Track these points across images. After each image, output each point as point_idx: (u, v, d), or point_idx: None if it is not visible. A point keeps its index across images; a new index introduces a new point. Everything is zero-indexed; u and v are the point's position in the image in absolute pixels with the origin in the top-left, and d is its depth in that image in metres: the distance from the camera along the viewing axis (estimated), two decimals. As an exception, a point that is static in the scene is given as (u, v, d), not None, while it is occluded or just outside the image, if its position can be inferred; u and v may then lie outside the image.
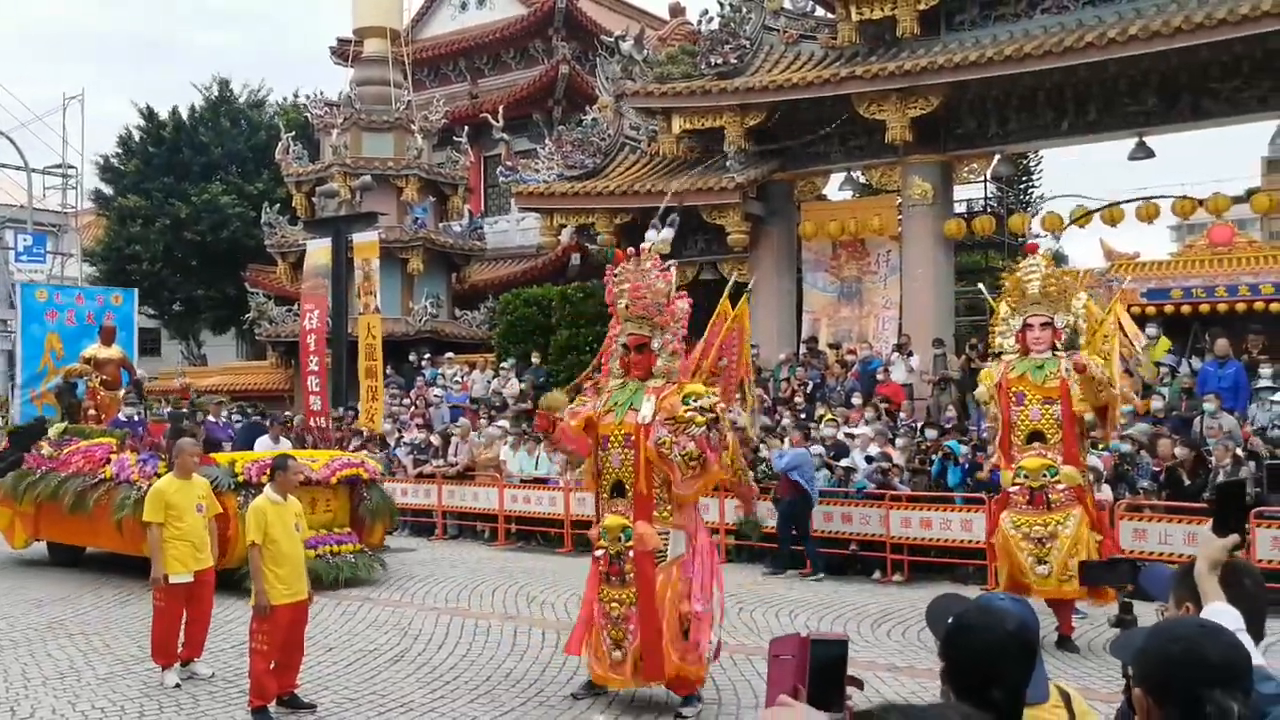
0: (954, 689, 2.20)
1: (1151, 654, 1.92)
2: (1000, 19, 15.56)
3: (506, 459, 14.99)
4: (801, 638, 2.25)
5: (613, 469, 6.85)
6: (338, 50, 29.94)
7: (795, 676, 2.19)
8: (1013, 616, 2.34)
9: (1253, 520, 9.62)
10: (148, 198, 30.10)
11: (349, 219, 18.87)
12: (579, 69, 26.30)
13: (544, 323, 19.58)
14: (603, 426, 6.86)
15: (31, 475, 11.91)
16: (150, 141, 31.39)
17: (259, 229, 25.41)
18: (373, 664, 7.97)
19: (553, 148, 19.55)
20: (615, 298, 7.00)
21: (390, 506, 12.33)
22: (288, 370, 25.01)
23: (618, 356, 7.05)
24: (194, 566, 7.50)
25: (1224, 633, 1.89)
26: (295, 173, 24.03)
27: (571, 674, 7.59)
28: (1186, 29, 13.24)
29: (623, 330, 7.00)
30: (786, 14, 17.57)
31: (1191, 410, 12.46)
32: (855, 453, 12.65)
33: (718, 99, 16.76)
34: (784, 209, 17.75)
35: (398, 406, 18.65)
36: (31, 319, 17.07)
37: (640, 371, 6.92)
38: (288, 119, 29.46)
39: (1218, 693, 1.79)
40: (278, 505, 6.84)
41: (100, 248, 31.57)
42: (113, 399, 13.27)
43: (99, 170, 32.61)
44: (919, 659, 7.90)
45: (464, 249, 24.40)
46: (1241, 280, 18.00)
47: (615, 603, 6.70)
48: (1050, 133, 15.79)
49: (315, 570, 10.11)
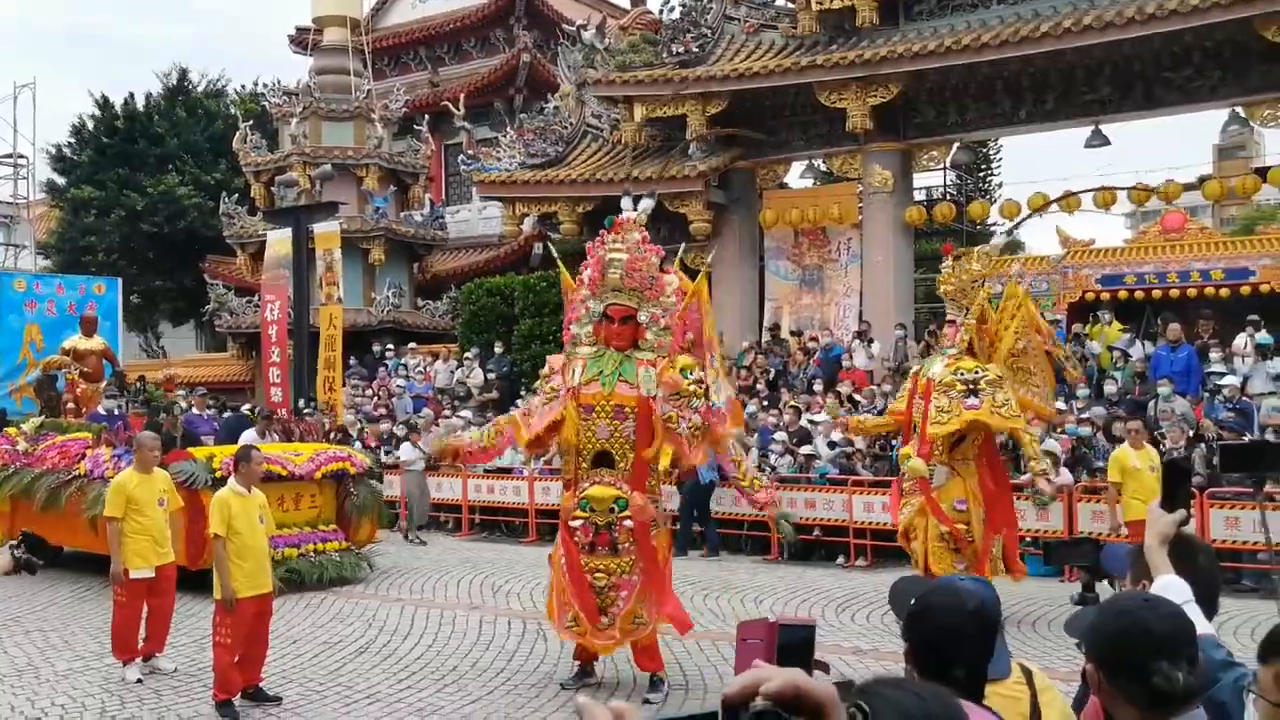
0: (917, 668, 2.26)
1: (1099, 629, 1.98)
2: (958, 8, 15.70)
3: (471, 449, 14.93)
4: (769, 622, 2.30)
5: (597, 440, 6.74)
6: (296, 39, 29.57)
7: (763, 660, 2.25)
8: (973, 596, 2.41)
9: (1205, 500, 9.87)
10: (102, 188, 29.53)
11: (309, 209, 18.69)
12: (540, 57, 26.17)
13: (507, 312, 19.51)
14: (585, 396, 6.73)
15: (5, 471, 11.47)
16: (104, 131, 30.80)
17: (217, 219, 25.02)
18: (338, 656, 7.94)
19: (514, 136, 19.48)
20: (605, 266, 6.81)
21: (379, 502, 11.86)
22: (248, 362, 24.71)
23: (588, 324, 6.95)
24: (155, 561, 7.41)
25: (1165, 604, 1.96)
26: (254, 162, 23.70)
27: (539, 661, 7.63)
28: (1139, 19, 13.45)
29: (601, 298, 6.86)
30: (747, 3, 17.61)
31: (1145, 394, 12.71)
32: (818, 439, 12.78)
33: (679, 87, 16.78)
34: (746, 197, 17.83)
35: (360, 397, 18.51)
36: (9, 310, 16.26)
37: (621, 342, 6.84)
38: (246, 108, 29.01)
39: (1164, 664, 1.85)
40: (242, 497, 6.78)
41: (54, 239, 30.97)
42: (94, 391, 12.88)
43: (51, 160, 31.94)
44: (884, 642, 8.01)
45: (426, 238, 24.22)
46: (1193, 266, 18.34)
47: (601, 572, 6.70)
48: (1009, 121, 15.98)
49: (298, 570, 10.01)
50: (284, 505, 10.48)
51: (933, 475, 8.54)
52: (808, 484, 12.16)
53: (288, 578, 9.78)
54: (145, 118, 30.82)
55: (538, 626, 8.65)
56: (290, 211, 19.17)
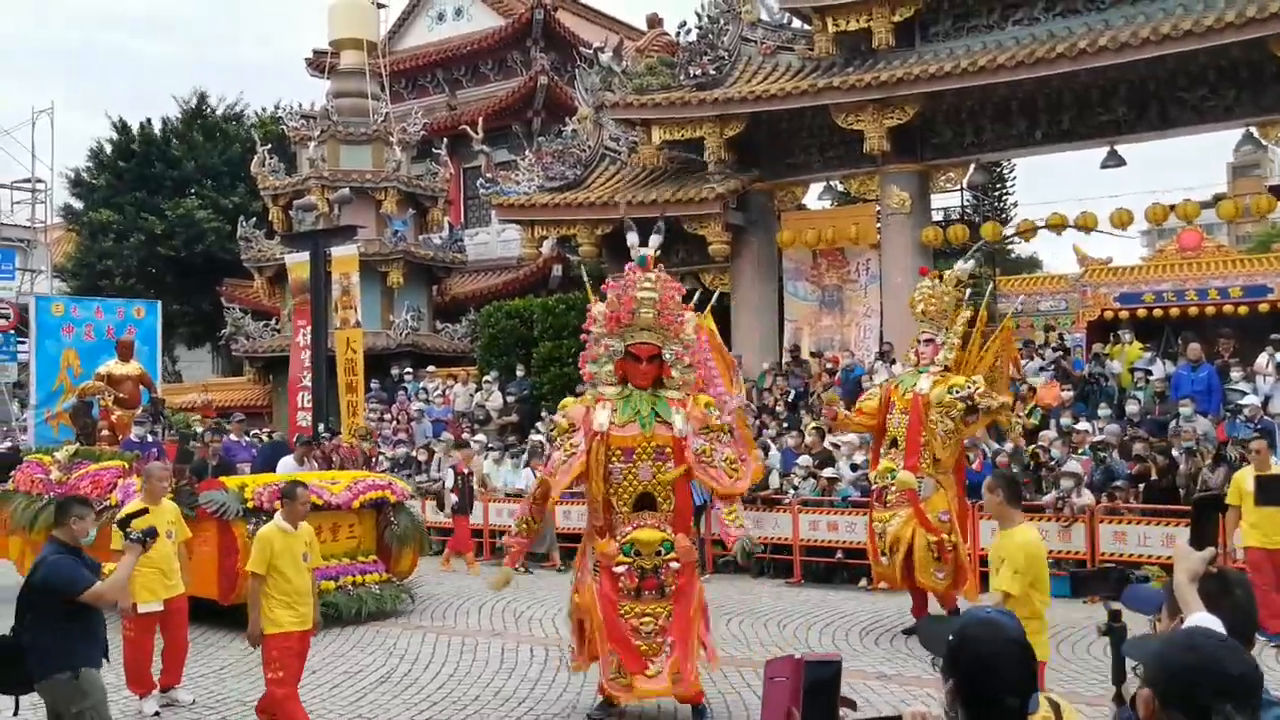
0: (967, 704, 2.25)
1: (1166, 660, 1.98)
2: (973, 30, 15.76)
3: (489, 473, 14.97)
4: (795, 660, 2.32)
5: (639, 482, 6.62)
6: (314, 62, 29.83)
7: (790, 699, 2.26)
8: (1009, 624, 2.44)
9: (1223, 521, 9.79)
10: (120, 212, 29.84)
11: (327, 233, 18.79)
12: (557, 80, 26.35)
13: (526, 335, 19.57)
14: (622, 439, 6.61)
15: (40, 501, 11.16)
16: (122, 155, 31.13)
17: (235, 243, 25.22)
18: (359, 685, 7.93)
19: (533, 159, 19.58)
20: (636, 305, 6.70)
21: (421, 531, 11.45)
22: (265, 386, 24.84)
23: (608, 363, 6.84)
24: (164, 594, 7.31)
25: (1241, 649, 1.96)
26: (272, 186, 23.89)
27: (562, 689, 7.61)
28: (1154, 40, 13.48)
29: (624, 337, 6.77)
30: (764, 25, 17.71)
31: (1166, 413, 12.65)
32: (840, 461, 12.75)
33: (697, 110, 16.87)
34: (764, 219, 17.87)
35: (378, 422, 18.56)
36: (46, 334, 15.76)
37: (645, 381, 6.77)
38: (264, 132, 29.30)
39: (1229, 707, 1.85)
40: (286, 535, 6.52)
41: (71, 263, 31.25)
42: (130, 418, 12.66)
43: (69, 184, 32.31)
44: (907, 667, 7.98)
45: (444, 261, 24.35)
46: (1210, 284, 18.32)
47: (649, 617, 6.55)
48: (1024, 141, 16.00)
49: (336, 603, 9.68)
50: (321, 536, 9.93)
51: (921, 487, 8.78)
52: (830, 507, 12.13)
53: (325, 612, 9.42)
54: (163, 141, 31.14)
55: (560, 654, 8.66)
56: (308, 235, 19.28)
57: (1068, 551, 10.84)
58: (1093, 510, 10.84)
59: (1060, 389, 13.58)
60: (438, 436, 17.03)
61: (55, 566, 5.08)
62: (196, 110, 32.37)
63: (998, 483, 5.66)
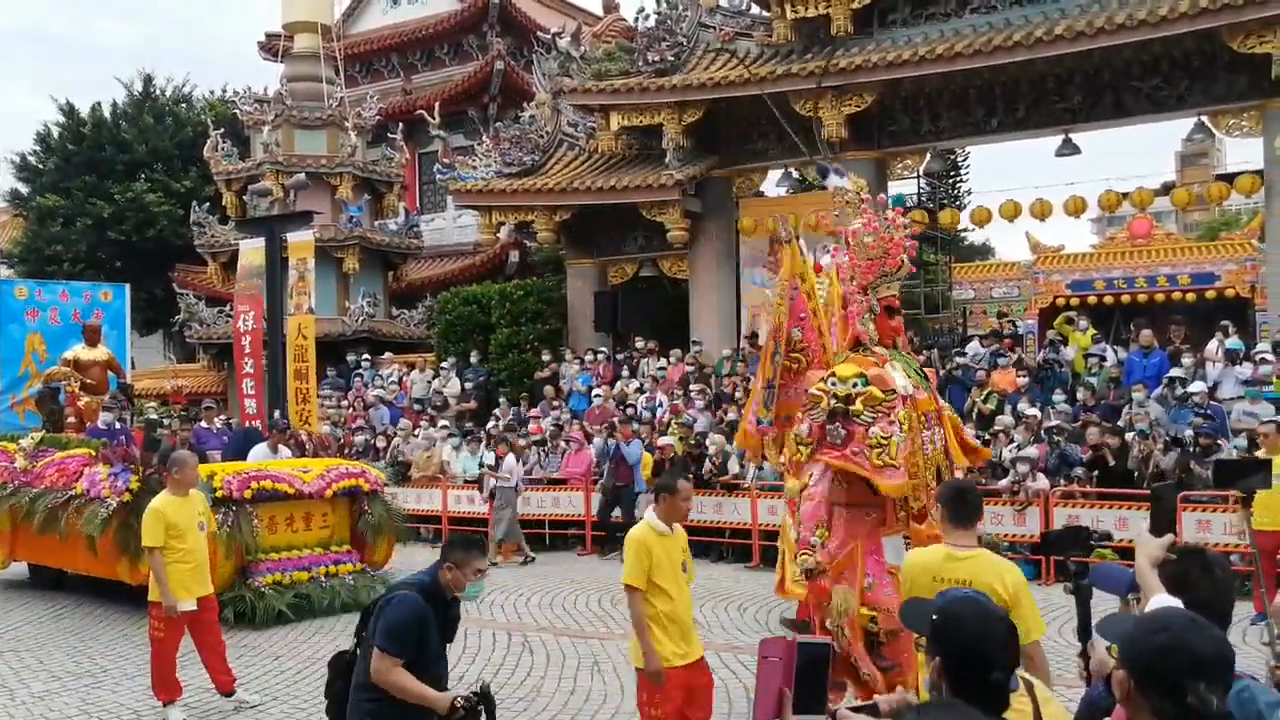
0: (953, 680, 2.29)
1: (1139, 641, 2.00)
2: (931, 18, 15.86)
3: (450, 460, 14.87)
4: (788, 641, 2.38)
5: (938, 452, 5.81)
6: (267, 45, 29.33)
7: (782, 678, 2.31)
8: (992, 604, 2.50)
9: (1180, 504, 9.99)
10: (68, 196, 29.16)
11: (282, 218, 18.48)
12: (514, 65, 26.12)
13: (483, 321, 19.45)
14: (924, 403, 5.76)
15: (4, 490, 10.87)
16: (70, 138, 30.41)
17: (187, 228, 24.77)
18: (321, 670, 7.82)
19: (490, 145, 19.41)
20: (900, 251, 5.94)
21: (396, 520, 11.09)
22: (220, 373, 24.47)
23: (871, 320, 5.89)
24: (199, 591, 6.88)
25: (1210, 627, 1.98)
26: (225, 170, 23.47)
27: (526, 674, 7.59)
28: (1109, 29, 13.65)
29: (884, 287, 5.95)
30: (722, 11, 17.69)
31: (1119, 399, 12.88)
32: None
33: (655, 96, 16.81)
34: (722, 205, 17.88)
35: (335, 409, 18.35)
36: (10, 319, 15.16)
37: (894, 338, 5.97)
38: (215, 114, 28.76)
39: (1202, 686, 1.87)
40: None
41: (18, 249, 30.51)
42: (97, 405, 12.31)
43: (15, 168, 31.52)
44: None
45: (400, 247, 24.09)
46: (1160, 271, 18.70)
47: None
48: (981, 129, 16.14)
49: (308, 595, 9.53)
50: (293, 525, 10.01)
51: None
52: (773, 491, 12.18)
53: (296, 604, 9.40)
54: (113, 124, 30.45)
55: (523, 639, 8.64)
56: (263, 221, 18.96)
57: (1023, 535, 11.01)
58: (1047, 494, 11.01)
59: (1016, 375, 13.76)
60: (394, 423, 16.88)
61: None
62: (144, 92, 31.68)
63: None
